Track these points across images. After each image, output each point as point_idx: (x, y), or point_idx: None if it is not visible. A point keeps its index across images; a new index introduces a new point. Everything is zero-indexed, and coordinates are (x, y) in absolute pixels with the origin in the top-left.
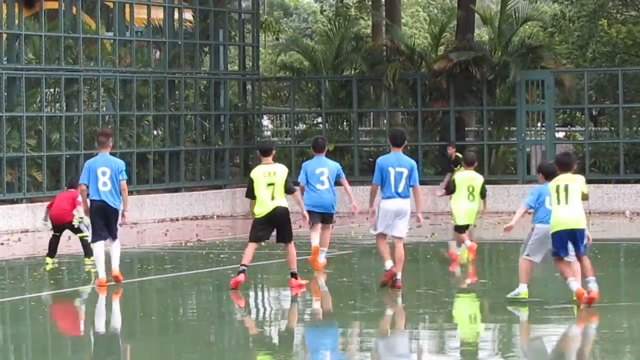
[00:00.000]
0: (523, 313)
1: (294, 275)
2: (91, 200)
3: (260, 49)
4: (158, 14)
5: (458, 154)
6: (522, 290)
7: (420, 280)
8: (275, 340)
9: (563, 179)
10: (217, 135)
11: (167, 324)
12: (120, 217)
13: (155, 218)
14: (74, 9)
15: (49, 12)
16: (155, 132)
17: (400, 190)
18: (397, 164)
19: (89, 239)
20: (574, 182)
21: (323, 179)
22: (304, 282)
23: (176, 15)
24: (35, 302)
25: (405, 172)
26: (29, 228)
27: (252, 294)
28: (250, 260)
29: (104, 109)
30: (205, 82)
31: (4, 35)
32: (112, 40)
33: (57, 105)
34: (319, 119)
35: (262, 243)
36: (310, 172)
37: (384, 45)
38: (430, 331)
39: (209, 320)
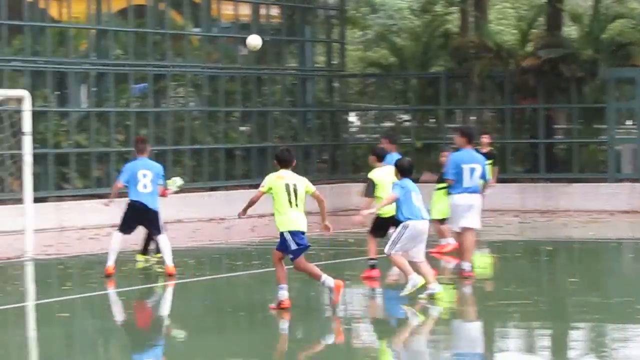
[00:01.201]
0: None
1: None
2: (131, 201)
3: (347, 45)
4: (245, 10)
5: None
6: (419, 281)
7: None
8: (360, 337)
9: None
10: (304, 132)
11: (256, 319)
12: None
13: None
14: (162, 5)
15: (137, 8)
16: (242, 128)
17: (472, 185)
18: (471, 160)
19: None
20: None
21: None
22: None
23: (263, 12)
24: (125, 296)
25: (478, 168)
26: (118, 222)
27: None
28: None
29: (192, 104)
30: (292, 78)
31: (93, 32)
32: (199, 36)
33: (145, 101)
34: (406, 116)
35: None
36: None
37: (472, 42)
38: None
39: (296, 316)
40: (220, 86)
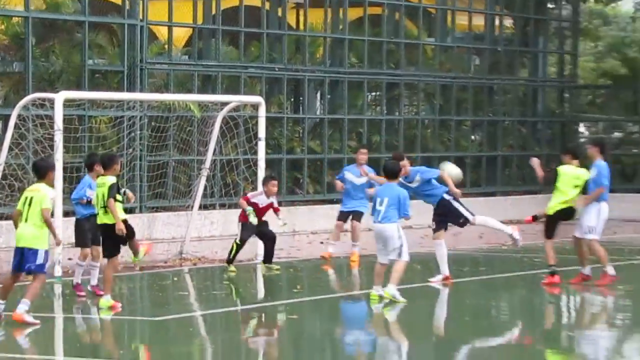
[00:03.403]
0: None
1: None
2: None
3: (579, 56)
4: (479, 21)
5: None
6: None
7: None
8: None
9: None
10: (534, 142)
11: (481, 325)
12: None
13: None
14: (397, 15)
15: (372, 17)
16: (472, 137)
17: None
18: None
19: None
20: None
21: None
22: None
23: (497, 22)
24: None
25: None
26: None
27: (563, 297)
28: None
29: (423, 113)
30: (523, 88)
31: (328, 40)
32: (433, 46)
33: (378, 108)
34: (636, 128)
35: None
36: None
37: None
38: None
39: (520, 323)
40: (452, 95)
